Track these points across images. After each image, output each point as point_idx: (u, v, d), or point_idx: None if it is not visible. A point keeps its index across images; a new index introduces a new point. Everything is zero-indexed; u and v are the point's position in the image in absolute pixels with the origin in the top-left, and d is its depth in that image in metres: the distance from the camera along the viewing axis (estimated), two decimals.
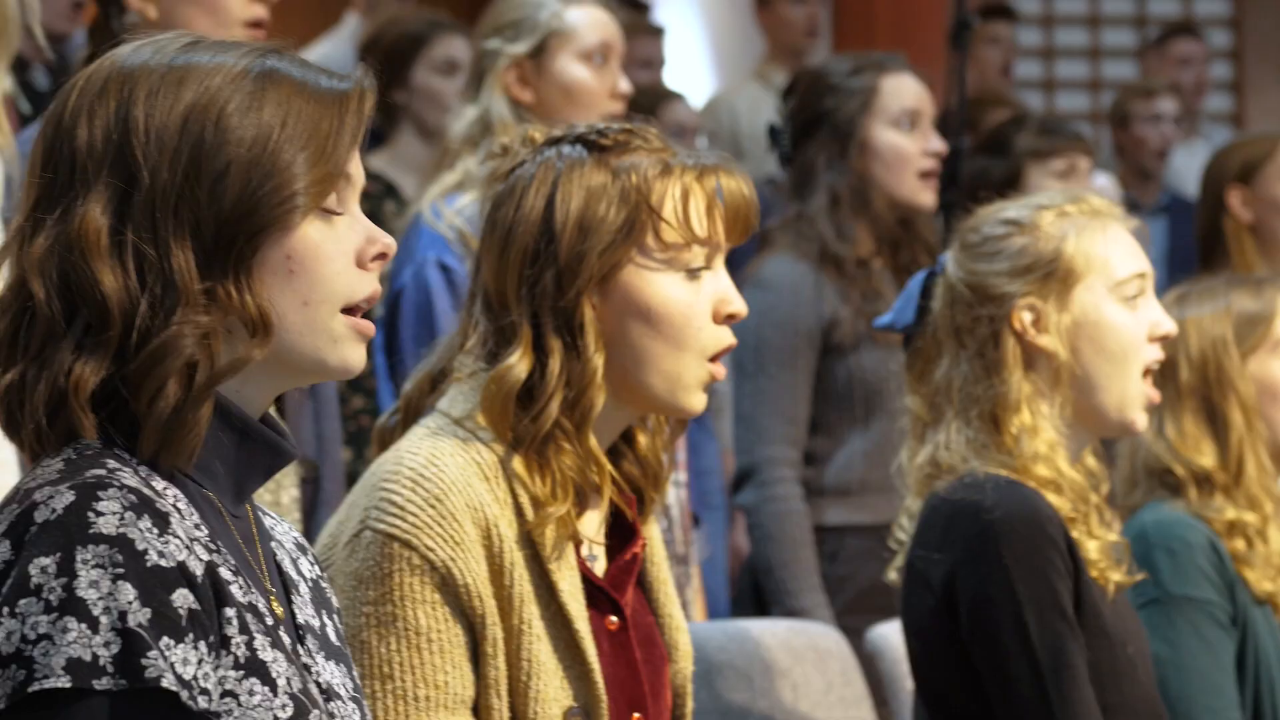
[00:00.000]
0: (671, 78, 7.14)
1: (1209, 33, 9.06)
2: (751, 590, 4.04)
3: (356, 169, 1.87)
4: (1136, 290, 2.88)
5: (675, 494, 3.76)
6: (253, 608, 1.78)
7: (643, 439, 2.51)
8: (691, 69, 8.29)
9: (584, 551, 2.43)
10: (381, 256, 1.87)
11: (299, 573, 1.94)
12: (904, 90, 4.19)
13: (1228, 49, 9.66)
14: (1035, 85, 9.48)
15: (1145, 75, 8.19)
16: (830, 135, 4.17)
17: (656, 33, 6.73)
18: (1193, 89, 7.96)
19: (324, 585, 1.98)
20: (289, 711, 1.76)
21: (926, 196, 4.17)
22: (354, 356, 1.86)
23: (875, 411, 4.08)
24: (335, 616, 1.97)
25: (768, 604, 3.99)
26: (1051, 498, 2.78)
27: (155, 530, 1.72)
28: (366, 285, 1.86)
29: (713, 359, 2.45)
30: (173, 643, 1.70)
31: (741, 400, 4.10)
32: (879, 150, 4.15)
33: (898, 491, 4.02)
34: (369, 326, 1.87)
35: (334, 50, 5.94)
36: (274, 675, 1.77)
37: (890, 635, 3.25)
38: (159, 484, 1.78)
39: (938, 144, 4.20)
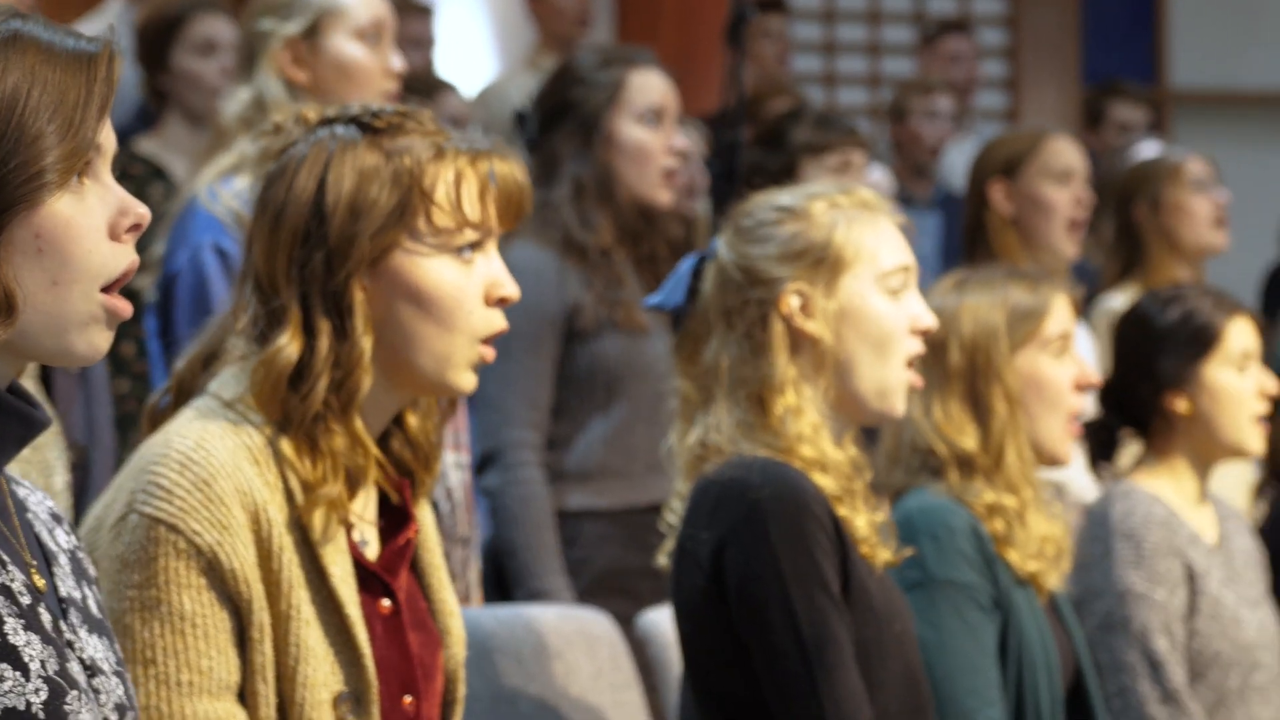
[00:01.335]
0: (451, 62, 7.13)
1: (986, 31, 9.22)
2: (494, 573, 4.05)
3: (107, 137, 1.82)
4: (901, 283, 2.94)
5: (458, 476, 3.76)
6: (4, 589, 1.75)
7: (413, 421, 2.51)
8: (473, 55, 8.27)
9: (355, 536, 2.42)
10: (136, 227, 1.83)
11: (56, 544, 1.90)
12: (650, 86, 4.23)
13: (1004, 47, 9.83)
14: (815, 80, 9.57)
15: (920, 72, 8.33)
16: (576, 126, 4.19)
17: (425, 11, 6.72)
18: (964, 86, 8.11)
19: (81, 556, 1.95)
20: (43, 695, 1.73)
21: (664, 194, 4.22)
22: (100, 341, 1.81)
23: (616, 397, 4.12)
24: (94, 587, 1.94)
25: (510, 586, 4.01)
26: (817, 477, 2.83)
27: None
28: (123, 259, 1.81)
29: (484, 342, 2.46)
30: None
31: (485, 384, 4.09)
32: (623, 145, 4.19)
33: (637, 477, 4.08)
34: (124, 308, 1.82)
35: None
36: (26, 659, 1.73)
37: (660, 621, 3.28)
38: None
39: (681, 141, 4.25)
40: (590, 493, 4.12)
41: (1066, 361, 3.40)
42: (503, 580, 4.05)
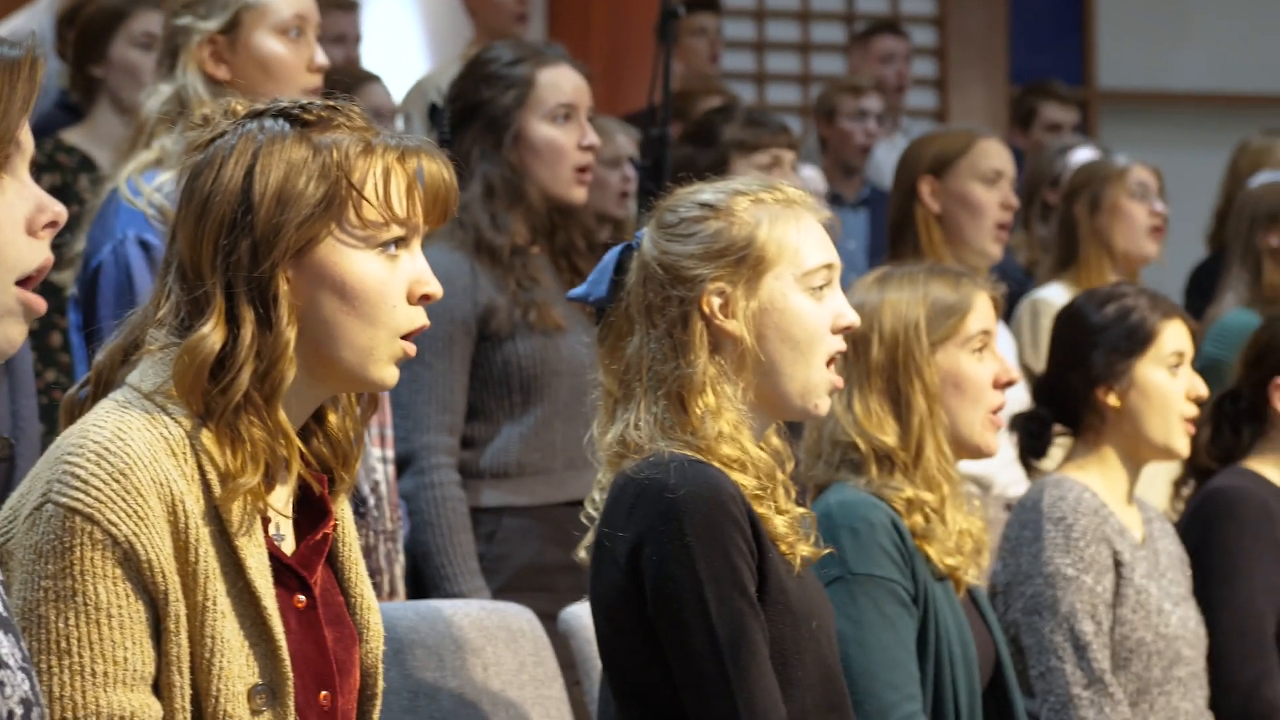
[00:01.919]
0: (379, 57, 7.11)
1: (914, 30, 9.26)
2: (411, 576, 4.05)
3: (26, 137, 1.85)
4: (823, 281, 2.94)
5: (383, 470, 3.75)
6: None
7: (333, 418, 2.51)
8: (404, 50, 8.26)
9: (271, 530, 2.42)
10: (52, 225, 1.85)
11: None
12: (561, 83, 4.22)
13: (932, 46, 9.88)
14: (746, 77, 9.60)
15: (851, 71, 8.36)
16: (486, 126, 4.19)
17: (351, 7, 6.70)
18: (895, 85, 8.15)
19: None
20: None
21: (578, 192, 4.22)
22: (15, 334, 1.83)
23: (533, 397, 4.13)
24: (1, 588, 1.93)
25: (427, 589, 4.01)
26: (736, 476, 2.82)
27: None
28: (38, 254, 1.83)
29: (405, 338, 2.46)
30: None
31: (399, 388, 4.09)
32: (534, 144, 4.18)
33: (557, 474, 4.08)
34: (39, 303, 1.83)
35: (30, 23, 5.82)
36: None
37: (583, 615, 3.28)
38: None
39: (593, 137, 4.24)
40: (509, 491, 4.13)
41: (987, 359, 3.43)
42: (420, 583, 4.05)
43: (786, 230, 2.92)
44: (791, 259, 2.91)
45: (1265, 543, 4.13)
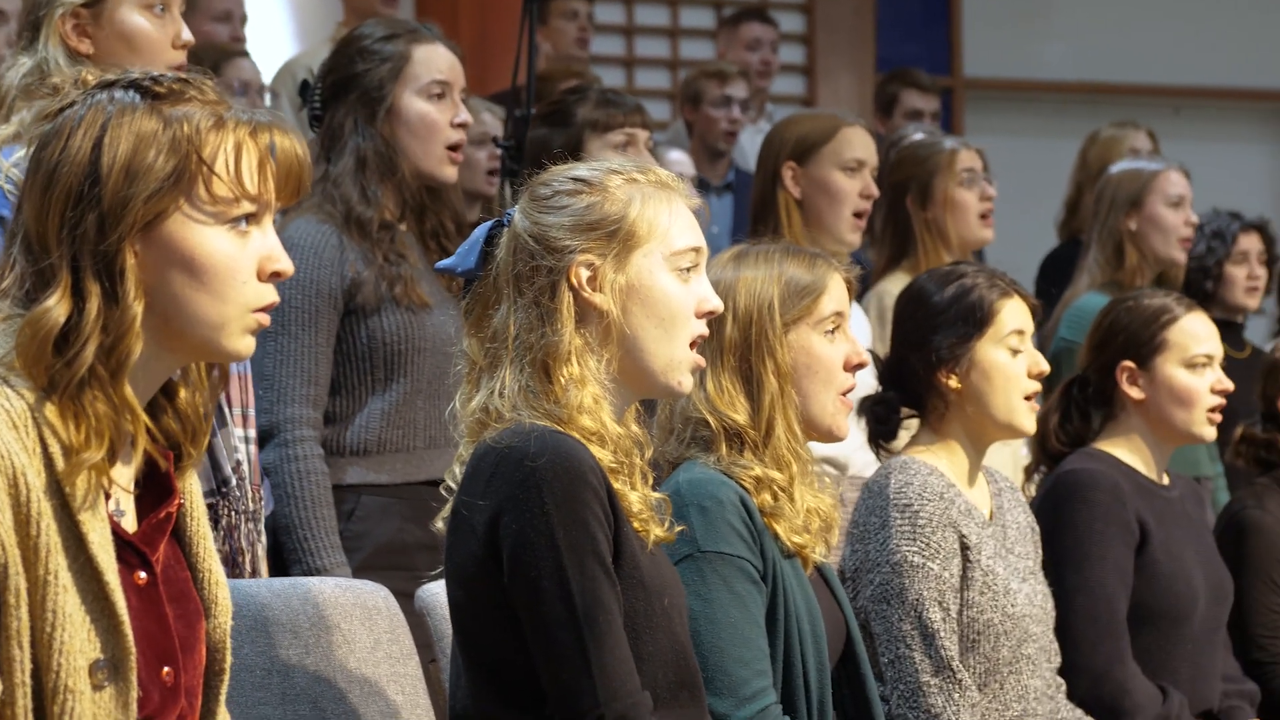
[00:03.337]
0: (250, 36, 7.08)
1: (782, 16, 9.31)
2: (273, 549, 4.03)
3: None
4: (690, 263, 2.98)
5: (245, 450, 3.74)
6: None
7: (183, 393, 2.50)
8: (271, 30, 8.21)
9: (111, 506, 2.40)
10: None
11: None
12: (436, 60, 4.24)
13: (800, 33, 9.93)
14: (616, 62, 9.61)
15: (719, 56, 8.39)
16: (359, 99, 4.19)
17: None
18: (761, 71, 8.18)
19: None
20: None
21: (449, 169, 4.23)
22: None
23: (396, 373, 4.13)
24: None
25: (288, 563, 4.01)
26: (595, 450, 2.85)
27: None
28: None
29: (257, 313, 2.45)
30: None
31: (263, 360, 4.09)
32: (407, 117, 4.20)
33: (417, 452, 4.08)
34: None
35: None
36: None
37: (439, 593, 3.28)
38: None
39: (465, 116, 4.26)
40: (369, 468, 4.13)
41: (839, 340, 3.45)
42: (281, 557, 4.04)
43: (658, 210, 2.96)
44: (661, 238, 2.95)
45: (1117, 525, 4.19)
